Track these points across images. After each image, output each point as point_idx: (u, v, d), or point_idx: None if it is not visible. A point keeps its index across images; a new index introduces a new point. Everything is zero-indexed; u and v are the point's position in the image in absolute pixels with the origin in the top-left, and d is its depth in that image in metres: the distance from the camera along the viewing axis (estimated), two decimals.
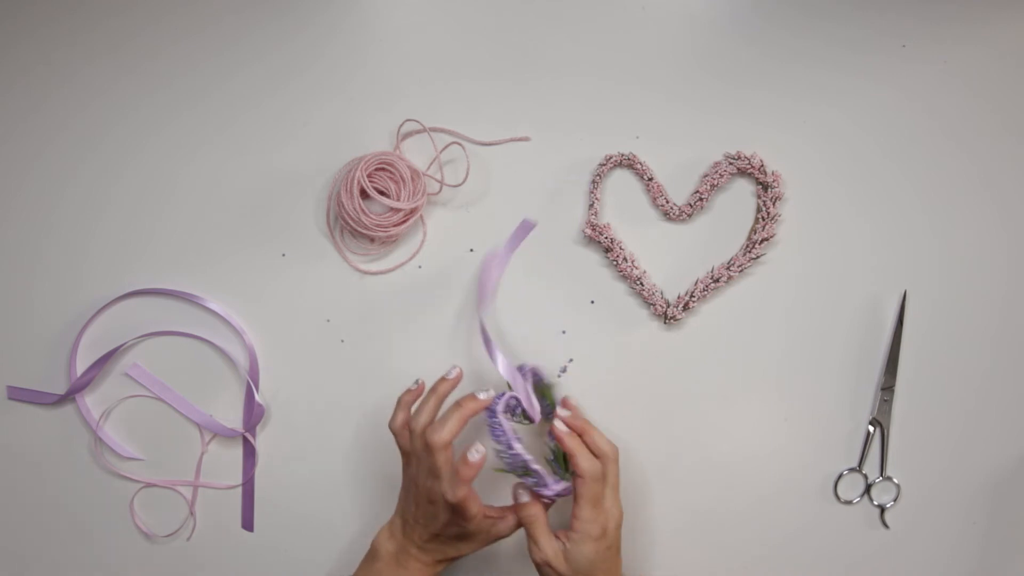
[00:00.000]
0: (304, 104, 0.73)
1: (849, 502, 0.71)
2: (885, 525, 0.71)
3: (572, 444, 0.62)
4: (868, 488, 0.71)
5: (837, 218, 0.72)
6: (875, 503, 0.71)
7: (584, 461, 0.61)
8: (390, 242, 0.72)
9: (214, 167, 0.73)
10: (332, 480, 0.72)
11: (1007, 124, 0.73)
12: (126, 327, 0.72)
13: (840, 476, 0.71)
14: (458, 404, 0.61)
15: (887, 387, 0.71)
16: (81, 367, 0.72)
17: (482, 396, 0.62)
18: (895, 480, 0.71)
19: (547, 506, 0.64)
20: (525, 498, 0.63)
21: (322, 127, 0.73)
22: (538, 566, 0.62)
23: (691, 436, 0.71)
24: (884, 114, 0.73)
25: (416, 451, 0.62)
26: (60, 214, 0.73)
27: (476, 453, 0.59)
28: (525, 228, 0.67)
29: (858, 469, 0.71)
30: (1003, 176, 0.72)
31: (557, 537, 0.62)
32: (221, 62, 0.74)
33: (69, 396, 0.72)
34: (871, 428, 0.71)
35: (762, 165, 0.71)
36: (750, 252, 0.71)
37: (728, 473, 0.71)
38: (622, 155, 0.71)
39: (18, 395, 0.73)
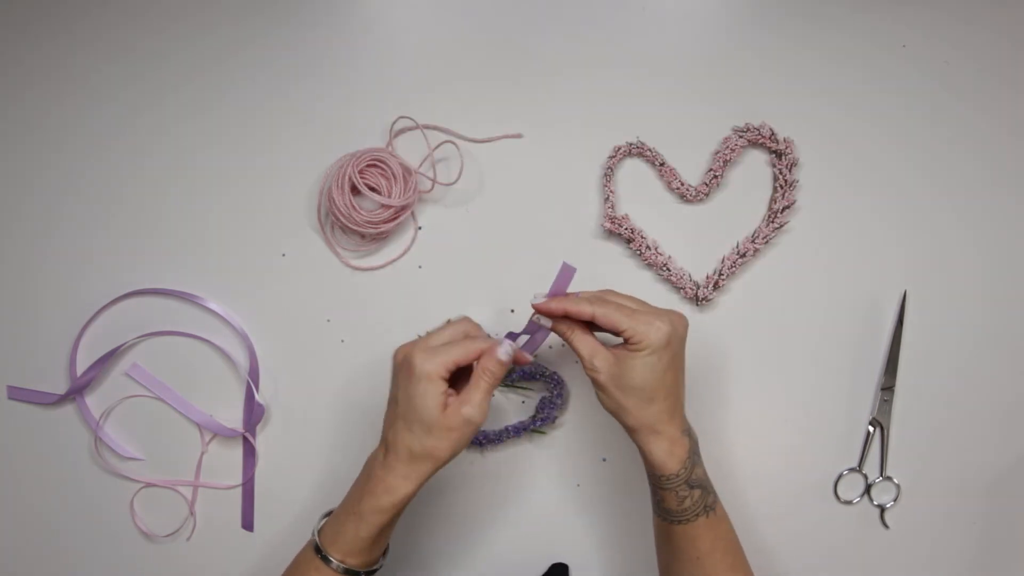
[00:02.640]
0: (301, 102, 0.73)
1: (849, 502, 0.71)
2: (885, 525, 0.71)
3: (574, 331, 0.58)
4: (868, 488, 0.71)
5: (835, 219, 0.72)
6: (875, 503, 0.71)
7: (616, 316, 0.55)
8: (380, 239, 0.72)
9: (213, 167, 0.73)
10: (332, 480, 0.72)
11: (1008, 124, 0.73)
12: (126, 327, 0.72)
13: (840, 476, 0.71)
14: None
15: (887, 387, 0.71)
16: (81, 367, 0.72)
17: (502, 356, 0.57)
18: (895, 480, 0.71)
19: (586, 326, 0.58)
20: (547, 321, 0.58)
21: (316, 124, 0.73)
22: (594, 383, 0.57)
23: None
24: (884, 114, 0.73)
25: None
26: (60, 214, 0.73)
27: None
28: (566, 274, 0.58)
29: (858, 469, 0.71)
30: (1004, 176, 0.72)
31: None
32: (220, 66, 0.74)
33: (69, 396, 0.72)
34: (871, 428, 0.71)
35: (772, 134, 0.71)
36: (773, 222, 0.70)
37: (728, 473, 0.71)
38: (631, 144, 0.71)
39: (18, 395, 0.73)
